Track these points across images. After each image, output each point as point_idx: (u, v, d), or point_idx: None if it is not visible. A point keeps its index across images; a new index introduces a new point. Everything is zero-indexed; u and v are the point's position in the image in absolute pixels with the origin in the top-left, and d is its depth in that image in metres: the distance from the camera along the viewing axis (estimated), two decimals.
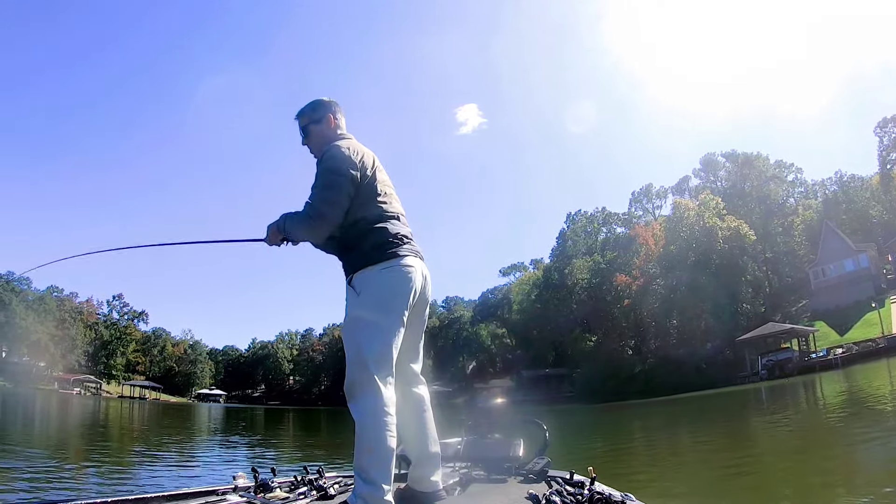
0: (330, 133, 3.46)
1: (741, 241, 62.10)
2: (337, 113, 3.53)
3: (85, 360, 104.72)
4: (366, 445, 2.87)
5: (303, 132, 3.49)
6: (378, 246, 3.15)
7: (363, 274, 3.13)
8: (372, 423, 2.89)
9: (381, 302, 3.09)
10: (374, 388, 2.92)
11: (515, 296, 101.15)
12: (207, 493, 3.43)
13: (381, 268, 3.12)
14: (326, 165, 3.18)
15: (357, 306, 3.12)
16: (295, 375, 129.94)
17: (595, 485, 3.50)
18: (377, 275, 3.11)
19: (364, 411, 2.91)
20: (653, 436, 20.67)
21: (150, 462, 13.90)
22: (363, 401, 2.92)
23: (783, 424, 17.43)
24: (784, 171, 78.05)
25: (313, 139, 3.46)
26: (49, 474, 10.12)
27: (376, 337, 3.02)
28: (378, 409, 2.90)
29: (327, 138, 3.42)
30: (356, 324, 3.08)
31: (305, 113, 3.51)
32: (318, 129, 3.47)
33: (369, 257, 3.13)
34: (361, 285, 3.13)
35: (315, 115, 3.48)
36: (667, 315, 66.41)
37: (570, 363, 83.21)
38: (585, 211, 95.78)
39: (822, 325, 52.23)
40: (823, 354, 44.75)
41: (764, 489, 7.76)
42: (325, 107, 3.51)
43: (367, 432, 2.89)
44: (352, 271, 3.18)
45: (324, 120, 3.48)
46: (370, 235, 3.17)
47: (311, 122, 3.47)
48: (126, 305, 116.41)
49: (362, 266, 3.14)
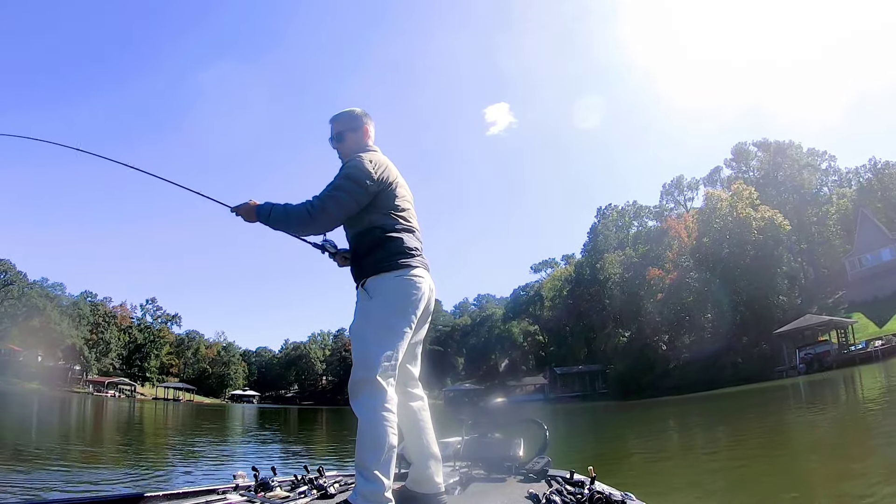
0: (362, 143, 3.63)
1: (776, 231, 60.80)
2: (371, 125, 3.70)
3: (119, 364, 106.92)
4: (367, 443, 2.95)
5: (337, 137, 3.64)
6: (393, 255, 3.30)
7: (377, 279, 3.26)
8: (374, 421, 2.98)
9: (393, 307, 3.22)
10: (377, 387, 3.02)
11: (547, 292, 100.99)
12: (208, 492, 3.50)
13: (394, 275, 3.26)
14: (346, 172, 3.33)
15: (369, 309, 3.24)
16: (328, 375, 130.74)
17: (595, 484, 3.52)
18: (391, 281, 3.25)
19: (366, 409, 3.00)
20: (688, 434, 20.42)
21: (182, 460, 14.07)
22: (366, 399, 3.01)
23: (831, 423, 16.63)
24: (817, 160, 76.65)
25: (346, 145, 3.61)
26: (69, 471, 10.29)
27: (385, 340, 3.13)
28: (380, 407, 3.00)
29: (359, 147, 3.58)
30: (367, 326, 3.21)
31: (343, 119, 3.67)
32: (354, 136, 3.63)
33: (383, 264, 3.27)
34: (375, 290, 3.25)
35: (353, 124, 3.65)
36: (701, 309, 65.44)
37: (603, 359, 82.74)
38: (616, 205, 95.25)
39: (860, 317, 50.94)
40: (862, 347, 43.65)
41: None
42: (363, 117, 3.68)
43: (369, 430, 2.97)
44: (364, 276, 3.31)
45: (360, 129, 3.65)
46: (386, 244, 3.32)
47: (349, 129, 3.64)
48: (159, 309, 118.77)
49: (376, 272, 3.27)
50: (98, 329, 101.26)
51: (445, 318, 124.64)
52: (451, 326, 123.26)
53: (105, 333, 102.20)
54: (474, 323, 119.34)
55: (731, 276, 61.09)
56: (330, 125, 3.69)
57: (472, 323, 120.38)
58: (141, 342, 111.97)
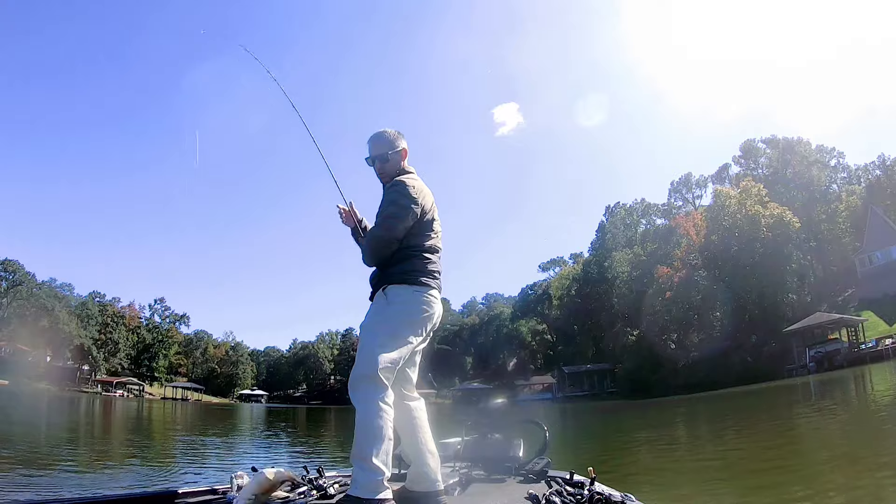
0: (402, 164, 3.76)
1: (785, 228, 60.50)
2: (406, 146, 3.80)
3: (128, 363, 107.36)
4: (365, 433, 3.07)
5: (381, 158, 3.72)
6: (418, 271, 3.47)
7: (399, 288, 3.42)
8: (372, 412, 3.10)
9: (408, 317, 3.41)
10: (377, 382, 3.15)
11: (555, 291, 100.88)
12: (208, 492, 3.62)
13: (414, 289, 3.44)
14: (396, 198, 3.49)
15: (386, 312, 3.40)
16: (336, 375, 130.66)
17: (595, 485, 3.53)
18: (411, 294, 3.43)
19: (365, 401, 3.13)
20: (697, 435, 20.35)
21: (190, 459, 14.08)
22: (366, 392, 3.15)
23: (843, 425, 16.36)
24: (826, 156, 76.23)
25: (390, 167, 3.71)
26: (76, 472, 10.31)
27: (392, 343, 3.28)
28: (378, 400, 3.13)
29: (399, 168, 3.73)
30: (379, 327, 3.36)
31: (386, 141, 3.75)
32: (397, 158, 3.73)
33: (408, 277, 3.44)
34: (395, 296, 3.41)
35: (395, 145, 3.74)
36: (710, 307, 65.11)
37: (612, 358, 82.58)
38: (624, 203, 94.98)
39: (870, 315, 50.66)
40: (873, 345, 43.45)
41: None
42: (402, 139, 3.79)
43: (367, 421, 3.09)
44: (387, 282, 3.44)
45: (402, 151, 3.76)
46: (413, 261, 3.49)
47: (392, 150, 3.73)
48: (168, 309, 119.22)
49: (400, 281, 3.43)
50: (106, 329, 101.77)
51: (454, 318, 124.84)
52: (460, 326, 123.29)
53: (113, 333, 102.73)
54: (482, 322, 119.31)
55: (739, 273, 60.91)
56: (370, 145, 3.76)
57: (481, 322, 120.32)
58: (149, 342, 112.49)
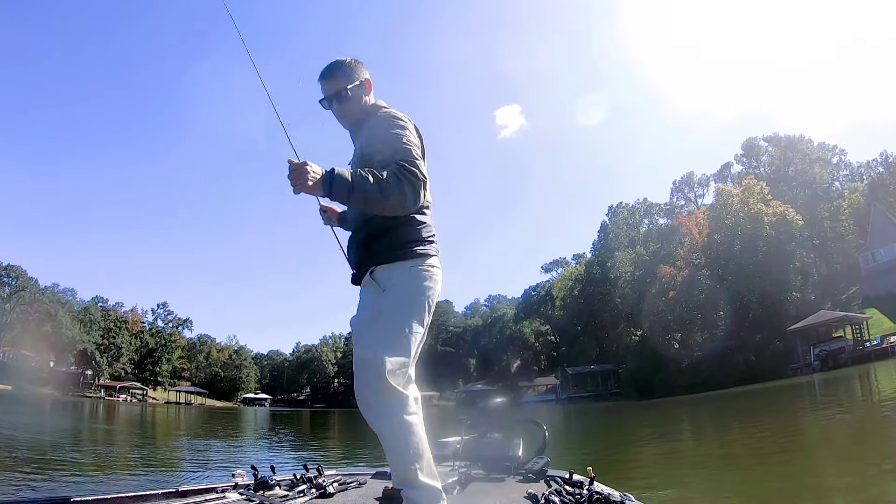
0: (367, 98, 3.05)
1: (788, 226, 60.27)
2: (369, 76, 3.09)
3: (131, 368, 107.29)
4: (401, 457, 2.57)
5: (340, 97, 2.97)
6: (410, 241, 2.81)
7: (391, 269, 2.78)
8: (399, 433, 2.57)
9: (409, 304, 2.75)
10: (390, 393, 2.58)
11: (558, 292, 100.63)
12: (207, 491, 3.53)
13: (409, 265, 2.78)
14: (398, 132, 2.75)
15: (381, 305, 2.74)
16: (340, 378, 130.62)
17: (594, 484, 3.49)
18: (406, 273, 2.77)
19: (387, 418, 2.58)
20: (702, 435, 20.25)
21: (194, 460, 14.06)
22: (383, 410, 2.59)
23: (850, 424, 16.09)
24: (828, 154, 76.05)
25: (353, 105, 2.99)
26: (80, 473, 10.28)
27: (398, 342, 2.68)
28: (403, 414, 2.59)
29: (367, 104, 3.03)
30: (377, 324, 2.71)
31: (343, 73, 3.00)
32: (359, 92, 3.01)
33: (399, 252, 2.78)
34: (388, 282, 2.77)
35: (355, 77, 3.01)
36: (713, 306, 64.97)
37: (616, 358, 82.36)
38: (626, 203, 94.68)
39: (875, 312, 50.35)
40: (878, 343, 43.18)
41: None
42: (363, 69, 3.06)
43: (398, 444, 2.57)
44: (375, 262, 2.81)
45: (365, 83, 3.04)
46: (403, 229, 2.81)
47: (352, 84, 2.98)
48: (171, 313, 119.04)
49: (391, 259, 2.78)
50: (109, 334, 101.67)
51: (457, 320, 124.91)
52: (463, 327, 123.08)
53: (116, 338, 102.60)
54: (486, 324, 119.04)
55: (743, 272, 60.72)
56: (323, 83, 3.02)
57: (484, 324, 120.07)
58: (152, 346, 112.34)
